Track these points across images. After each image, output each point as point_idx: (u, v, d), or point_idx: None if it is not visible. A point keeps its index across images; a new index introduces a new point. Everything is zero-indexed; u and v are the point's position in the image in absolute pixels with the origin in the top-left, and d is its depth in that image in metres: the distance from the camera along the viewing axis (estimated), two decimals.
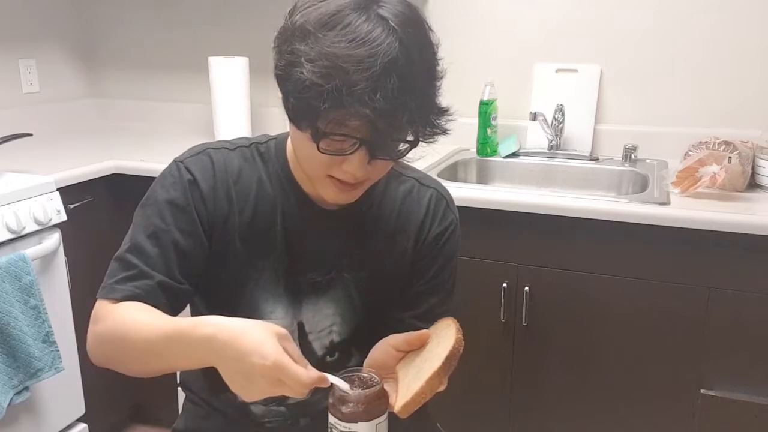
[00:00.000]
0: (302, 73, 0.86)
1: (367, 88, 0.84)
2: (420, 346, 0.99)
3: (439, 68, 0.95)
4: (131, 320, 0.96)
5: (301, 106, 0.90)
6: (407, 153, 0.96)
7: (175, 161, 1.08)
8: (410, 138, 0.94)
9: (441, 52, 0.95)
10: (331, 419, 0.93)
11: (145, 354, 0.94)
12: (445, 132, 0.96)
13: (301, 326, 1.12)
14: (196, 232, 1.04)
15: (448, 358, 0.90)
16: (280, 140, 1.11)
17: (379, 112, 0.85)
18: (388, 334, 1.04)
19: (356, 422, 0.91)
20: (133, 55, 2.86)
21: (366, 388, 0.93)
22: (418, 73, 0.89)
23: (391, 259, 1.12)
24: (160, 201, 1.04)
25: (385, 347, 1.02)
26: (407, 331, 1.03)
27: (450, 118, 0.96)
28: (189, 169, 1.06)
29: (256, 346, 0.82)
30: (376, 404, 0.92)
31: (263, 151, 1.10)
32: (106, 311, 0.99)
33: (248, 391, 0.84)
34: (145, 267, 1.01)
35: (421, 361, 0.96)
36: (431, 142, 0.96)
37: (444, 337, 0.95)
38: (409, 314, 1.14)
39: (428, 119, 0.93)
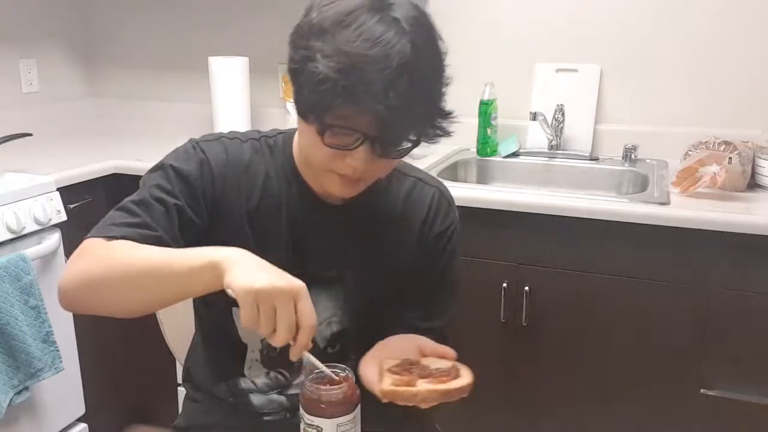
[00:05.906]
0: (317, 67, 0.89)
1: (381, 87, 0.88)
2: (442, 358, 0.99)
3: (445, 74, 0.98)
4: (129, 246, 0.97)
5: (313, 99, 0.92)
6: (408, 152, 0.98)
7: (190, 141, 1.11)
8: (413, 137, 0.97)
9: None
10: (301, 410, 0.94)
11: (140, 277, 0.93)
12: (447, 134, 1.00)
13: None
14: (199, 207, 1.06)
15: (457, 390, 0.92)
16: (288, 135, 1.13)
17: (390, 110, 0.88)
18: (391, 332, 1.05)
19: (319, 417, 0.92)
20: (133, 55, 2.85)
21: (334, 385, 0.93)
22: (428, 76, 0.94)
23: (393, 256, 1.13)
24: (170, 169, 1.06)
25: (411, 344, 1.02)
26: (410, 330, 1.05)
27: (454, 120, 0.99)
28: (204, 150, 1.08)
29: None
30: (334, 403, 0.92)
31: (272, 145, 1.13)
32: (99, 246, 1.00)
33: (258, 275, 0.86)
34: (149, 220, 1.02)
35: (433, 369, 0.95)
36: (433, 143, 1.00)
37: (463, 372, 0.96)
38: (413, 315, 1.14)
39: (432, 121, 0.97)
